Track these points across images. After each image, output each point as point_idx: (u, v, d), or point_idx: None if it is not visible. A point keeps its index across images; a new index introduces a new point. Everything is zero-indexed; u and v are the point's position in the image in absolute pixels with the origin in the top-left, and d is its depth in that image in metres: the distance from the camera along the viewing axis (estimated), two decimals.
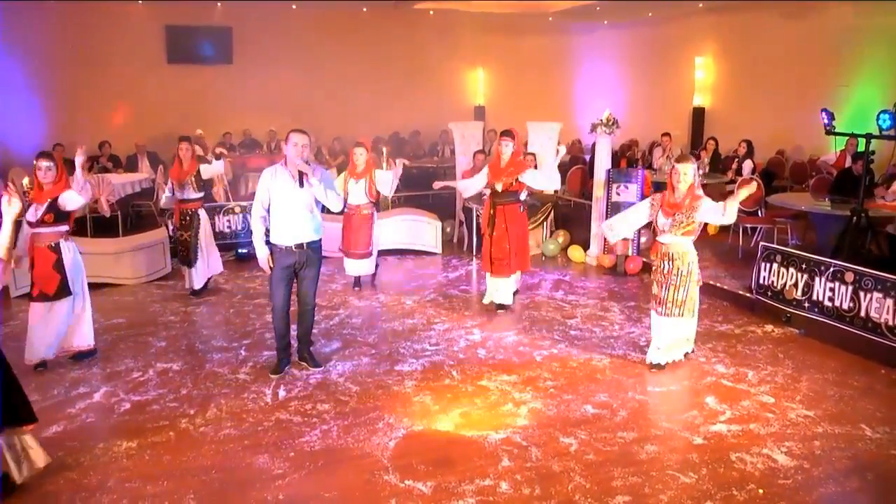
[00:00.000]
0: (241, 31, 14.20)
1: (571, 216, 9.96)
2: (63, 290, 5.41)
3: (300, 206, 5.18)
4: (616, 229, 5.63)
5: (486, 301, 7.08)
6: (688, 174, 5.06)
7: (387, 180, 7.51)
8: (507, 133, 6.66)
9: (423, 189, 12.14)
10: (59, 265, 5.39)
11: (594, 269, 8.57)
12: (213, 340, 6.21)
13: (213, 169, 7.54)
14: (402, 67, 14.72)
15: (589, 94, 15.34)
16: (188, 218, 7.39)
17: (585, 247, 8.93)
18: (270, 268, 5.23)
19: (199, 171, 7.33)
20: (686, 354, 5.56)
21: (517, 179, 6.67)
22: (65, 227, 5.45)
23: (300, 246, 5.21)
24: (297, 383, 5.27)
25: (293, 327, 5.57)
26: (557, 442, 4.34)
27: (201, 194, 7.50)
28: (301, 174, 5.10)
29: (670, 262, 5.20)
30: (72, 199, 5.39)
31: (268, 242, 5.28)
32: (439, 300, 7.41)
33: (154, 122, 12.59)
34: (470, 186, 7.04)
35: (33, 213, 5.28)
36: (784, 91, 11.84)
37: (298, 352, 5.62)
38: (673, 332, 5.33)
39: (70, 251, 5.48)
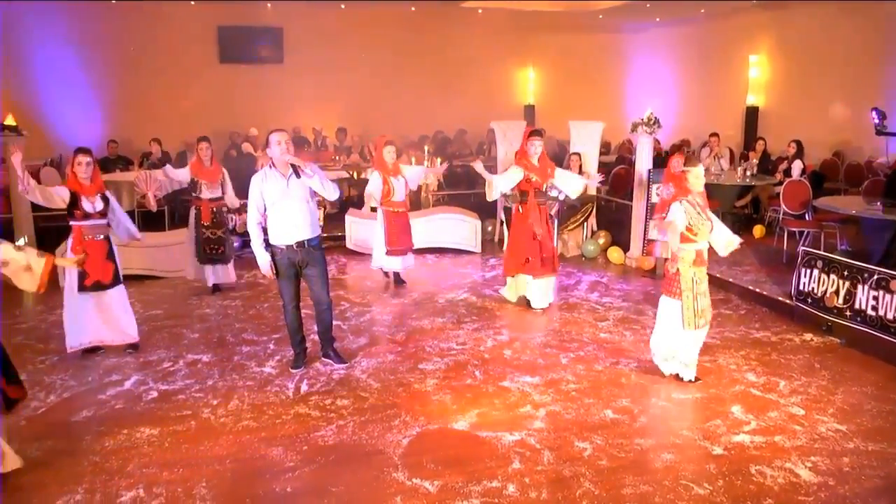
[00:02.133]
0: (292, 30, 14.46)
1: (614, 217, 9.79)
2: (116, 278, 5.66)
3: (295, 202, 5.16)
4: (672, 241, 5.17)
5: (514, 300, 7.04)
6: (700, 177, 4.91)
7: (415, 176, 7.54)
8: (539, 132, 6.63)
9: (466, 188, 12.15)
10: (111, 254, 5.64)
11: (633, 272, 8.40)
12: (243, 334, 6.33)
13: (231, 199, 7.61)
14: (451, 66, 14.73)
15: (640, 93, 15.06)
16: (219, 216, 7.51)
17: (626, 248, 8.76)
18: (275, 274, 5.26)
19: (224, 176, 7.48)
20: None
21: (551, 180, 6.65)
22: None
23: (301, 244, 5.22)
24: (321, 378, 5.32)
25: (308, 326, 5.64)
26: (572, 446, 4.27)
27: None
28: (295, 167, 5.10)
29: (704, 268, 5.02)
30: (110, 196, 5.61)
31: (246, 244, 5.32)
32: (472, 299, 7.38)
33: (205, 120, 12.88)
34: (501, 184, 6.94)
35: (91, 206, 5.50)
36: (842, 90, 11.37)
37: (322, 349, 5.67)
38: (697, 344, 5.14)
39: (113, 242, 5.71)
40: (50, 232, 8.64)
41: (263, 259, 5.24)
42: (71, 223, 5.59)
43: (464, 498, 3.73)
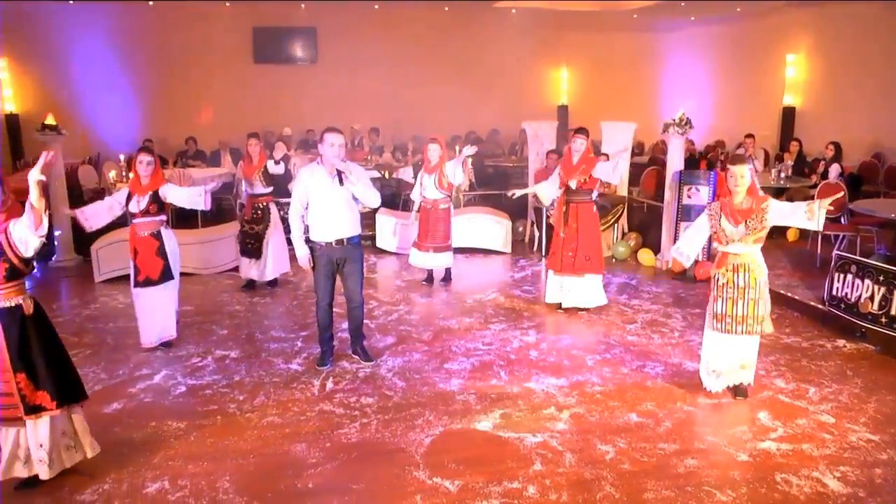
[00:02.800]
0: (326, 31, 14.61)
1: (645, 219, 9.69)
2: (166, 275, 5.76)
3: (339, 203, 5.24)
4: (686, 252, 5.15)
5: (549, 301, 6.99)
6: (745, 176, 4.77)
7: (453, 170, 7.58)
8: (582, 130, 6.61)
9: (498, 188, 12.12)
10: (161, 251, 5.74)
11: (664, 274, 8.31)
12: (272, 331, 6.42)
13: (276, 170, 7.75)
14: (484, 66, 14.74)
15: (675, 93, 14.87)
16: (259, 211, 7.65)
17: (657, 250, 8.67)
18: (312, 267, 5.33)
19: (266, 167, 7.58)
20: (741, 387, 4.98)
21: (590, 175, 6.59)
22: (163, 217, 5.79)
23: (340, 242, 5.29)
24: (346, 376, 5.37)
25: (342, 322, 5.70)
26: (594, 449, 4.25)
27: (270, 189, 7.73)
28: (340, 173, 5.17)
29: (747, 273, 4.77)
30: (171, 192, 5.73)
31: (308, 241, 5.39)
32: (500, 300, 7.38)
33: (239, 119, 13.10)
34: (547, 193, 6.98)
35: (136, 205, 5.62)
36: (882, 90, 11.09)
37: (351, 346, 5.73)
38: (736, 353, 4.89)
39: (170, 238, 5.81)
40: (82, 228, 8.89)
41: (302, 251, 5.32)
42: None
43: (483, 498, 3.74)
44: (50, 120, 8.13)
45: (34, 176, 3.50)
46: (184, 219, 9.89)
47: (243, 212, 7.73)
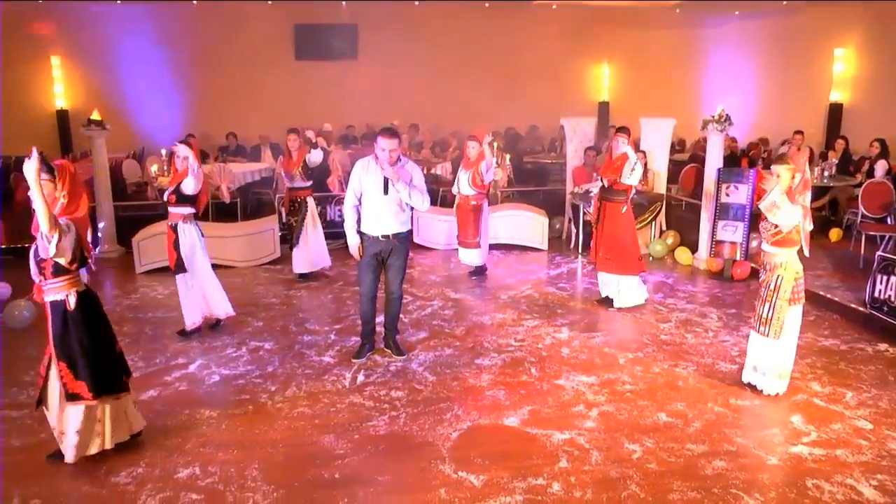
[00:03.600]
0: (367, 27, 14.69)
1: (684, 217, 9.54)
2: (178, 267, 5.91)
3: (389, 202, 5.33)
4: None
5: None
6: (782, 176, 4.66)
7: (487, 167, 7.59)
8: (624, 130, 6.58)
9: (537, 184, 12.08)
10: (175, 244, 5.88)
11: (701, 273, 8.18)
12: (306, 323, 6.52)
13: (313, 158, 7.82)
14: (524, 62, 14.65)
15: (717, 89, 14.55)
16: (297, 204, 7.77)
17: (695, 249, 8.54)
18: (361, 255, 5.41)
19: (305, 161, 7.68)
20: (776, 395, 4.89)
21: (618, 178, 6.55)
22: (187, 210, 5.90)
23: (387, 236, 5.37)
24: (377, 370, 5.43)
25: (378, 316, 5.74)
26: (621, 448, 4.22)
27: (310, 182, 7.82)
28: (386, 180, 5.24)
29: (764, 273, 4.80)
30: (187, 184, 5.85)
31: (340, 234, 5.48)
32: (534, 296, 7.36)
33: (280, 114, 13.25)
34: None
35: (166, 194, 5.90)
36: None
37: (384, 339, 5.78)
38: (764, 353, 4.82)
39: (186, 233, 5.91)
40: (127, 221, 9.16)
41: (353, 240, 5.42)
42: None
43: (507, 494, 3.75)
44: (95, 115, 8.37)
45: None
46: (225, 213, 10.08)
47: (282, 205, 7.89)
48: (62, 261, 3.80)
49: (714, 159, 8.06)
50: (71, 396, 3.87)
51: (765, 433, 4.39)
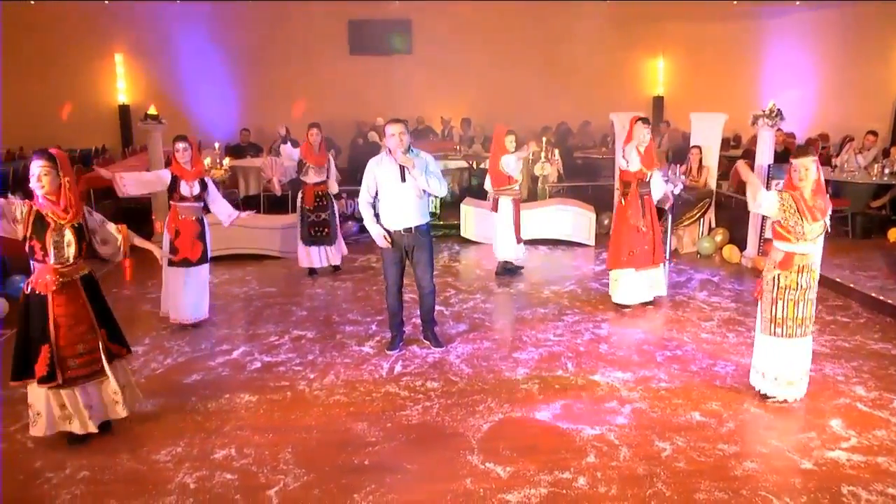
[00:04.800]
0: (421, 22, 14.81)
1: (734, 214, 9.34)
2: (203, 257, 6.15)
3: (406, 193, 5.35)
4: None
5: (620, 301, 6.77)
6: (810, 169, 4.39)
7: (509, 164, 7.55)
8: (647, 119, 6.49)
9: (587, 180, 11.98)
10: (201, 235, 6.11)
11: (748, 272, 8.00)
12: (349, 314, 6.66)
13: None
14: (578, 56, 14.48)
15: (776, 83, 14.13)
16: (321, 199, 7.82)
17: (744, 247, 8.36)
18: (389, 242, 5.41)
19: (330, 160, 7.82)
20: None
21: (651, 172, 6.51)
22: (203, 203, 6.14)
23: (408, 230, 5.41)
24: (415, 360, 5.52)
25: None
26: (651, 445, 4.20)
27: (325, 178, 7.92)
28: (402, 168, 5.27)
29: (808, 274, 4.56)
30: (211, 185, 6.14)
31: (363, 230, 5.54)
32: (577, 292, 7.34)
33: (333, 109, 13.51)
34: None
35: (188, 190, 5.98)
36: None
37: (423, 331, 5.87)
38: (795, 358, 4.64)
39: (206, 224, 6.20)
40: None
41: (376, 231, 5.42)
42: (170, 203, 6.11)
43: (532, 486, 3.78)
44: (152, 110, 8.69)
45: None
46: (276, 205, 10.35)
47: (303, 201, 7.83)
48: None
49: (764, 155, 7.86)
50: (113, 356, 4.23)
51: (801, 436, 4.29)
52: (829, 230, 4.62)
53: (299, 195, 7.89)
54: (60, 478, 3.87)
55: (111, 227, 4.27)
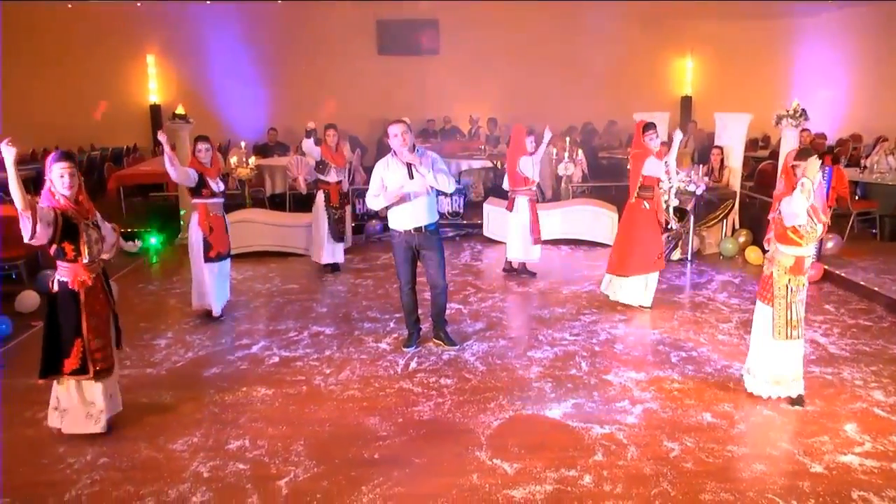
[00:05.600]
0: (448, 22, 14.88)
1: (758, 215, 9.22)
2: (228, 253, 6.38)
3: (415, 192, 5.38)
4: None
5: (615, 298, 6.84)
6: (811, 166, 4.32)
7: (526, 166, 7.55)
8: (652, 125, 6.45)
9: (612, 180, 11.92)
10: (227, 228, 6.36)
11: None
12: (368, 311, 6.74)
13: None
14: (605, 56, 14.43)
15: (808, 82, 13.92)
16: (345, 198, 8.04)
17: (766, 249, 8.25)
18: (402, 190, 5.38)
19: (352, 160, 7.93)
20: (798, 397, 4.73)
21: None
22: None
23: (418, 229, 5.45)
24: (431, 358, 5.58)
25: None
26: (659, 445, 4.20)
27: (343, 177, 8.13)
28: (410, 166, 5.31)
29: (806, 274, 4.60)
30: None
31: (387, 228, 5.61)
32: (596, 292, 7.32)
33: (361, 108, 13.65)
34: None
35: (216, 186, 6.15)
36: None
37: (434, 331, 5.90)
38: (798, 357, 4.67)
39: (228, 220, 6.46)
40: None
41: (389, 193, 5.37)
42: (195, 201, 6.26)
43: (538, 483, 3.82)
44: (180, 110, 8.88)
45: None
46: (302, 203, 10.48)
47: (329, 198, 7.96)
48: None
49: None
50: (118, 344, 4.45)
51: (813, 440, 4.25)
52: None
53: (321, 193, 7.99)
54: (81, 463, 4.02)
55: (107, 224, 4.34)
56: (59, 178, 3.99)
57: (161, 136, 6.15)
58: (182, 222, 9.39)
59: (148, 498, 3.67)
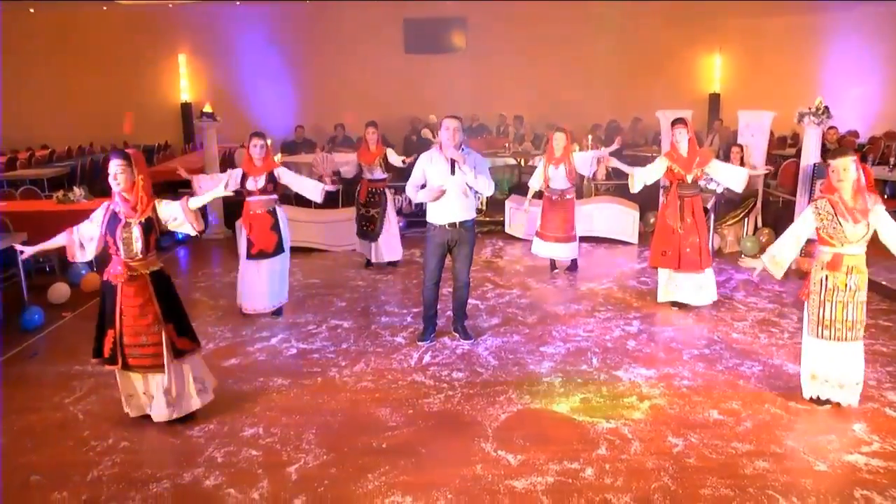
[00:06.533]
0: (475, 20, 14.93)
1: (780, 214, 9.16)
2: (279, 248, 6.37)
3: (454, 189, 5.50)
4: (781, 258, 4.88)
5: (664, 300, 6.77)
6: (848, 170, 4.33)
7: (585, 162, 7.57)
8: (682, 121, 6.43)
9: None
10: (275, 227, 6.34)
11: (791, 273, 7.79)
12: (386, 306, 6.88)
13: (396, 162, 8.03)
14: (632, 53, 14.46)
15: (840, 80, 13.68)
16: (376, 196, 8.05)
17: None
18: (443, 191, 5.46)
19: (386, 155, 7.99)
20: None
21: (703, 170, 6.43)
22: (276, 196, 6.38)
23: (453, 225, 5.57)
24: (445, 351, 5.69)
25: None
26: (664, 441, 4.25)
27: (387, 175, 8.13)
28: (453, 161, 5.42)
29: (858, 276, 4.48)
30: (287, 175, 6.35)
31: (425, 222, 5.70)
32: (613, 289, 7.37)
33: (388, 107, 13.77)
34: (643, 176, 6.76)
35: (254, 184, 6.24)
36: None
37: (453, 324, 6.02)
38: (847, 361, 4.56)
39: (282, 215, 6.41)
40: (234, 205, 9.82)
41: (429, 193, 5.49)
42: (243, 199, 6.39)
43: (540, 474, 3.90)
44: (207, 108, 9.10)
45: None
46: (326, 200, 10.61)
47: (358, 195, 8.12)
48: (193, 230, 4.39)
49: (810, 154, 7.70)
50: (179, 353, 4.37)
51: (819, 438, 4.26)
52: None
53: (357, 189, 8.16)
54: (104, 446, 4.22)
55: (174, 205, 4.36)
56: (110, 175, 4.18)
57: (183, 174, 6.34)
58: (210, 219, 9.63)
59: (164, 480, 3.85)
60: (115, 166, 4.16)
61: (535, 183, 7.82)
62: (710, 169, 6.51)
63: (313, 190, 6.42)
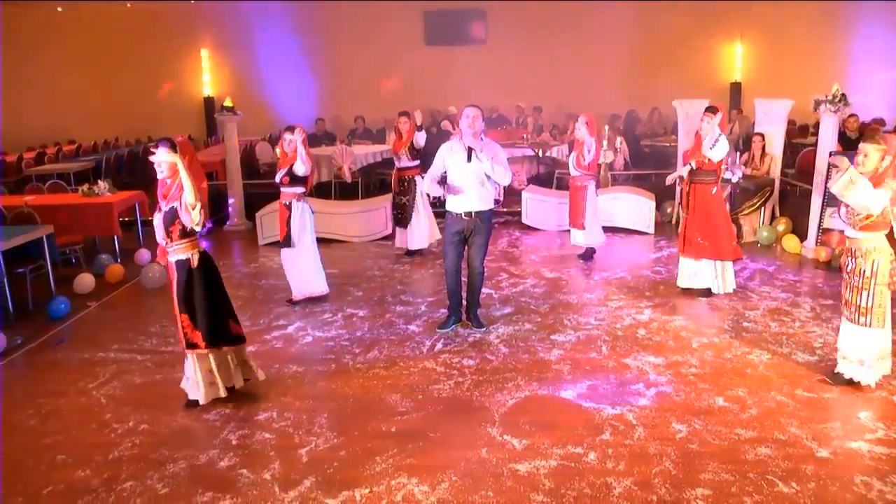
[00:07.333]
0: (495, 12, 14.94)
1: (798, 203, 9.10)
2: (286, 242, 6.50)
3: (471, 178, 5.62)
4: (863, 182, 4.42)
5: (680, 285, 6.87)
6: (869, 156, 4.36)
7: (588, 148, 7.63)
8: (711, 109, 6.44)
9: (654, 168, 11.86)
10: (287, 221, 6.49)
11: (809, 262, 7.83)
12: (402, 295, 6.99)
13: (419, 140, 8.10)
14: (653, 43, 14.33)
15: (866, 66, 13.47)
16: (405, 184, 8.21)
17: (805, 237, 8.16)
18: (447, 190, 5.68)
19: (412, 142, 8.09)
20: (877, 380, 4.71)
21: (705, 156, 6.45)
22: (300, 190, 6.47)
23: (469, 214, 5.67)
24: (457, 339, 5.79)
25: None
26: (668, 427, 4.31)
27: (416, 162, 8.20)
28: (470, 149, 5.53)
29: (853, 260, 4.58)
30: (297, 167, 6.45)
31: (443, 212, 5.82)
32: (626, 278, 7.42)
33: (408, 98, 13.79)
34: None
35: (278, 177, 6.50)
36: None
37: (465, 312, 6.11)
38: (860, 343, 4.63)
39: (299, 210, 6.47)
40: (256, 198, 10.06)
41: (436, 190, 5.76)
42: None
43: (543, 458, 3.98)
44: (228, 102, 9.27)
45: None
46: (347, 192, 10.83)
47: (393, 184, 8.35)
48: (197, 227, 4.42)
49: (826, 142, 7.65)
50: (190, 345, 4.52)
51: (823, 426, 4.28)
52: None
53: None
54: (124, 429, 4.40)
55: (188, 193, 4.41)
56: (155, 163, 4.36)
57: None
58: (230, 209, 9.83)
59: (181, 461, 4.01)
60: (157, 154, 4.33)
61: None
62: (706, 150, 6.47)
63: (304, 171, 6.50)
